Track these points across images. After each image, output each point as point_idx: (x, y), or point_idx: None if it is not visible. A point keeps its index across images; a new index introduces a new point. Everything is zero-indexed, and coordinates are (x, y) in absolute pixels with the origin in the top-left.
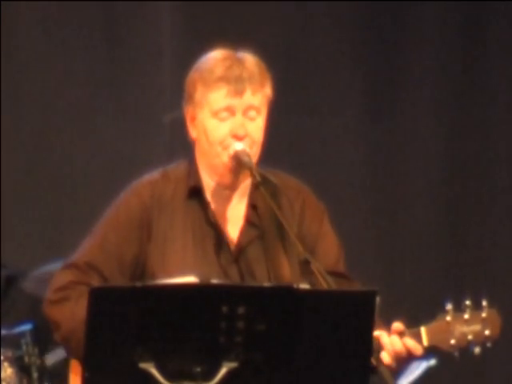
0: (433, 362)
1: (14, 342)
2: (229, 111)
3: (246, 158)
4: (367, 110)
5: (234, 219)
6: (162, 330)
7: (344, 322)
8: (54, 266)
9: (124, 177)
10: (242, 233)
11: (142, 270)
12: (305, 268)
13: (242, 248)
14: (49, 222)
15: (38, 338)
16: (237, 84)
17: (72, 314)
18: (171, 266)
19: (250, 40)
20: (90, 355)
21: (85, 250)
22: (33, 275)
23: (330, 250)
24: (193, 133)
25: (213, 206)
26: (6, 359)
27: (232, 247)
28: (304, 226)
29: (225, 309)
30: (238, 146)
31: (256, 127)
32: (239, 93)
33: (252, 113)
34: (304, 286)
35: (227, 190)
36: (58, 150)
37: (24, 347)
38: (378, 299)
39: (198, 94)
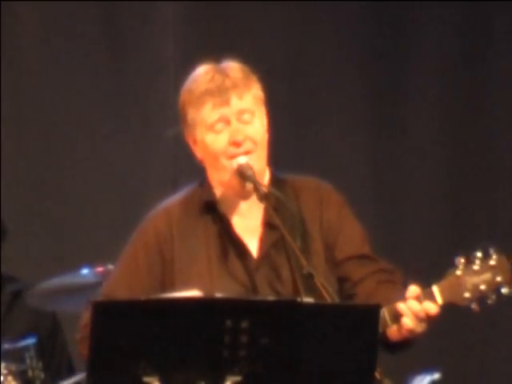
0: (436, 375)
1: (18, 356)
2: (223, 121)
3: (249, 172)
4: (372, 123)
5: (253, 226)
6: (166, 343)
7: (347, 336)
8: (58, 280)
9: (128, 190)
10: (263, 238)
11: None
12: (329, 260)
13: (264, 254)
14: (52, 237)
15: (41, 351)
16: (221, 94)
17: None
18: (198, 283)
19: (255, 54)
20: (94, 369)
21: (106, 285)
22: (36, 289)
23: (353, 235)
24: (198, 154)
25: (229, 217)
26: (10, 373)
27: (255, 255)
28: (324, 223)
29: (229, 323)
30: (241, 160)
31: (254, 129)
32: (225, 102)
33: (246, 116)
34: (308, 299)
35: (241, 200)
36: (62, 165)
37: (28, 361)
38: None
39: (190, 114)
